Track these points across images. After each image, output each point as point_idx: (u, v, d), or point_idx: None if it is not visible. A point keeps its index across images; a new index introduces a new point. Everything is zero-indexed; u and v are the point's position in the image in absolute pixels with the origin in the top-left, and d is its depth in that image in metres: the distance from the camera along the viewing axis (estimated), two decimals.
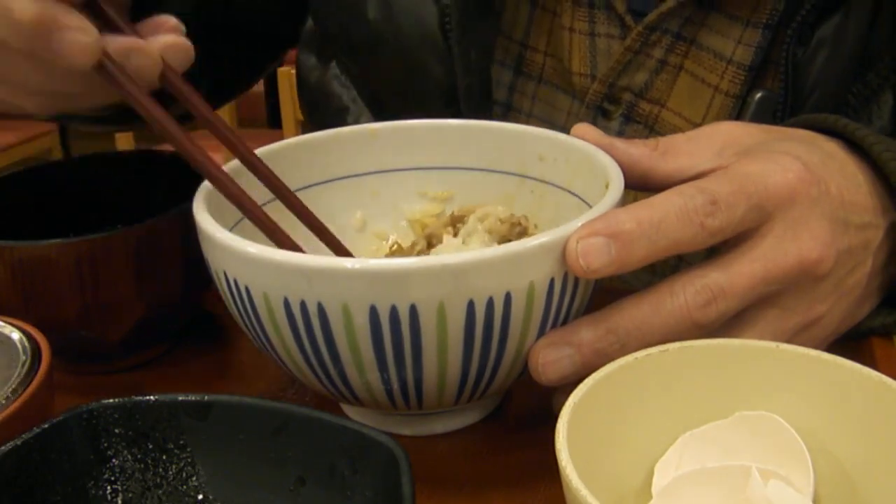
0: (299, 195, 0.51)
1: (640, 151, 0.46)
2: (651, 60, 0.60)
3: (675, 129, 0.61)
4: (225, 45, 0.70)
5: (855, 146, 0.48)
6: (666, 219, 0.39)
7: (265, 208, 0.49)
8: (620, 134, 0.63)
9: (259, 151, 0.50)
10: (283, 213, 0.48)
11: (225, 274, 0.41)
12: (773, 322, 0.42)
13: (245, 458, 0.37)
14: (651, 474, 0.37)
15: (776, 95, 0.56)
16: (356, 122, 0.71)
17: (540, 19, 0.63)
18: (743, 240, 0.42)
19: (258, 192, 0.48)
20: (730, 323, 0.42)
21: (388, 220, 0.55)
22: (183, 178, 0.48)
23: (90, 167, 0.61)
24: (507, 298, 0.38)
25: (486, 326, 0.39)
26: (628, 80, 0.61)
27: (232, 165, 0.48)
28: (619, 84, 0.61)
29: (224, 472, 0.38)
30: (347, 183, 0.52)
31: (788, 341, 0.42)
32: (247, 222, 0.48)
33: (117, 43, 0.42)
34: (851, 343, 0.48)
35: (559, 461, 0.32)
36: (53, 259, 0.47)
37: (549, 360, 0.40)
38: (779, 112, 0.56)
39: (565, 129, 0.50)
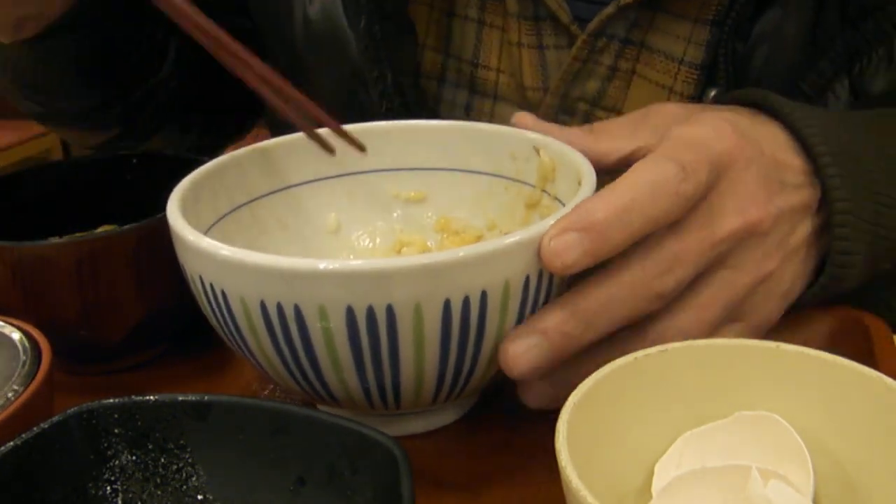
0: (273, 197, 0.51)
1: (574, 133, 0.47)
2: (601, 68, 0.60)
3: None
4: (212, 92, 0.71)
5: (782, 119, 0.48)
6: (639, 198, 0.39)
7: (262, 201, 0.50)
8: None
9: (228, 156, 0.49)
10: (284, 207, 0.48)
11: (200, 278, 0.40)
12: (727, 281, 0.43)
13: (245, 458, 0.37)
14: (651, 474, 0.37)
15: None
16: None
17: (488, 37, 0.64)
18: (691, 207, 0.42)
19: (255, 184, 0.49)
20: (687, 289, 0.42)
21: (362, 222, 0.54)
22: (183, 178, 0.48)
23: (90, 167, 0.61)
24: (483, 297, 0.38)
25: (463, 325, 0.39)
26: (580, 89, 0.61)
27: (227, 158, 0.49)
28: (572, 95, 0.61)
29: (224, 472, 0.38)
30: (321, 185, 0.52)
31: (744, 301, 0.43)
32: (224, 223, 0.48)
33: None
34: (850, 342, 0.48)
35: (559, 461, 0.32)
36: (53, 259, 0.47)
37: (519, 351, 0.40)
38: None
39: None
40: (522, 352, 0.39)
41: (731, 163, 0.43)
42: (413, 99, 0.65)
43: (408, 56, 0.64)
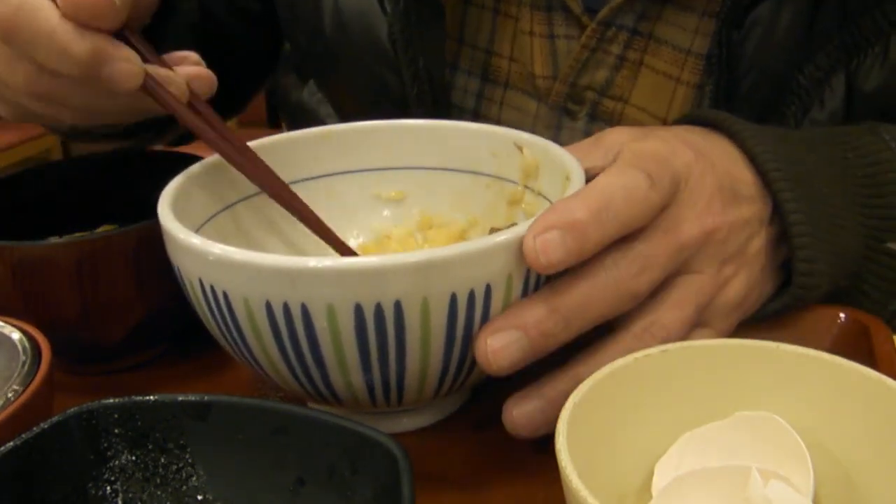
0: (253, 200, 0.51)
1: None
2: (610, 57, 0.61)
3: (641, 125, 0.61)
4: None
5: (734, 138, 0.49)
6: (613, 201, 0.40)
7: (250, 201, 0.51)
8: (587, 133, 0.63)
9: (208, 160, 0.49)
10: (273, 207, 0.49)
11: (200, 280, 0.40)
12: (695, 283, 0.44)
13: (245, 458, 0.37)
14: (651, 474, 0.37)
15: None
16: None
17: (502, 26, 0.64)
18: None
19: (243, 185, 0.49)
20: (660, 290, 0.43)
21: (345, 222, 0.54)
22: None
23: (90, 167, 0.61)
24: (488, 289, 0.39)
25: (468, 318, 0.39)
26: (589, 78, 0.62)
27: (215, 159, 0.49)
28: (581, 83, 0.62)
29: (224, 472, 0.38)
30: (300, 186, 0.52)
31: (707, 305, 0.44)
32: (211, 223, 0.48)
33: (155, 72, 0.47)
34: (850, 342, 0.48)
35: (559, 461, 0.32)
36: (53, 259, 0.47)
37: (498, 347, 0.39)
38: (721, 97, 0.57)
39: (532, 133, 0.51)
40: (501, 347, 0.39)
41: (688, 175, 0.44)
42: (440, 85, 0.65)
43: (437, 41, 0.65)
